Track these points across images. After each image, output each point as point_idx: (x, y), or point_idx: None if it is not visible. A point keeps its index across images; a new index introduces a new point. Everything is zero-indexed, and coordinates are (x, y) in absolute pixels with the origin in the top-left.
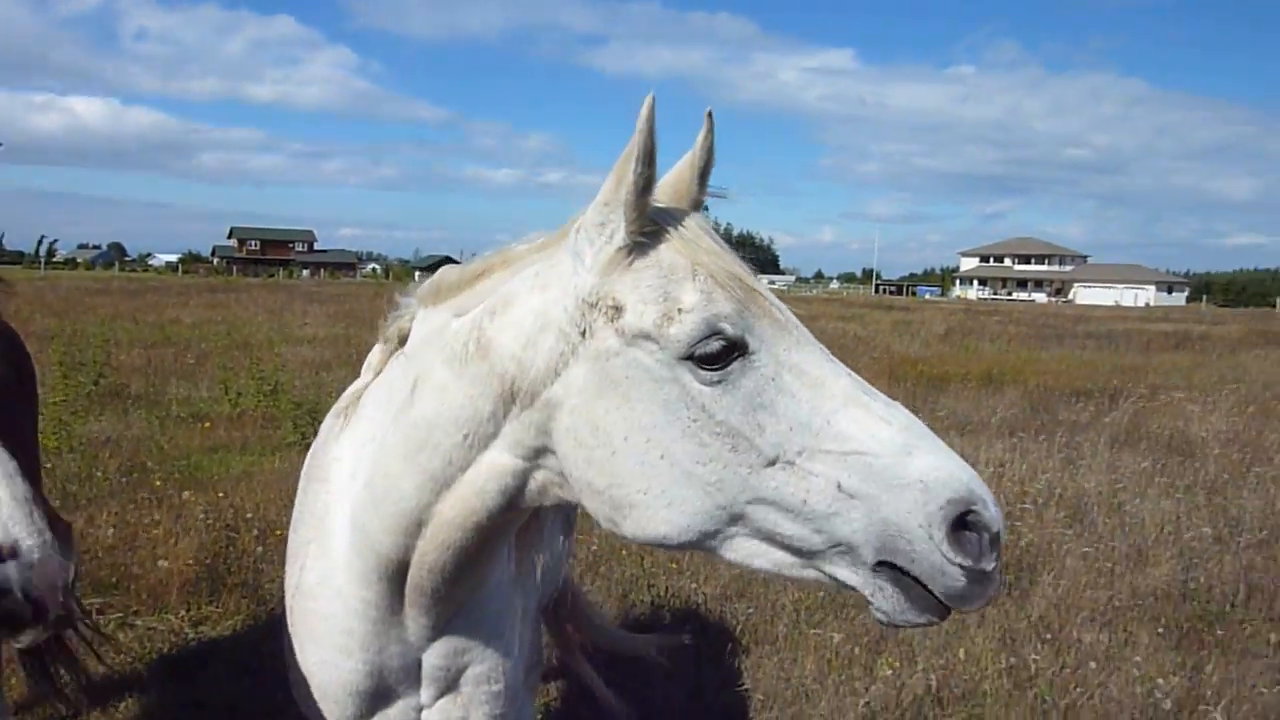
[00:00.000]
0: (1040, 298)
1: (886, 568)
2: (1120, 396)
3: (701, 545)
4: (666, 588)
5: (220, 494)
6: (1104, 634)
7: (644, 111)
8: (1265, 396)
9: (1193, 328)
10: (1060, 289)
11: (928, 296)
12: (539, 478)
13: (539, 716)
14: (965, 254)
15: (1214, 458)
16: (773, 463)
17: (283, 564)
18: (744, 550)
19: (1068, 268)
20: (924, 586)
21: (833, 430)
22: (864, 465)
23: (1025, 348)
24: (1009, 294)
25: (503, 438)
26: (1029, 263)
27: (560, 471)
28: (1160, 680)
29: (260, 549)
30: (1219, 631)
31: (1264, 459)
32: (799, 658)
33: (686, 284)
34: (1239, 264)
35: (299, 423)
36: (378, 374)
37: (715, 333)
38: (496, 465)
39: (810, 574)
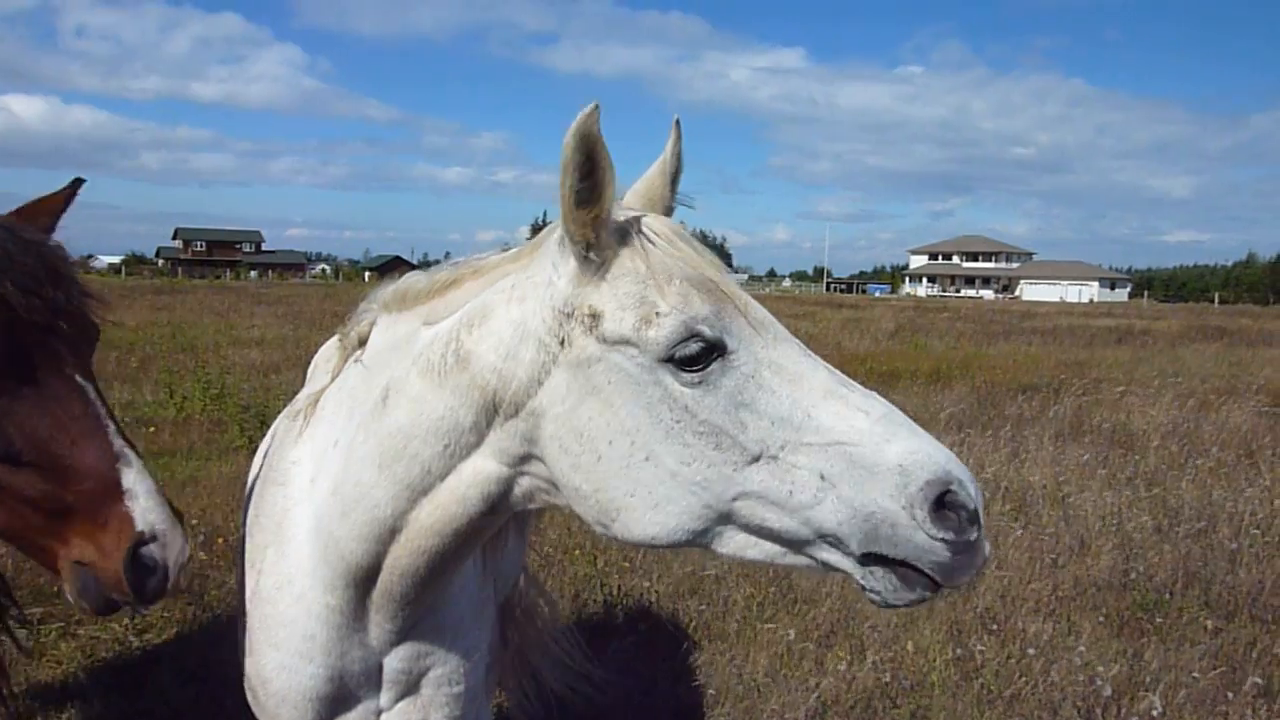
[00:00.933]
0: (988, 294)
1: (873, 558)
2: (1064, 391)
3: (692, 543)
4: (619, 586)
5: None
6: (1047, 624)
7: (572, 126)
8: (1203, 390)
9: (1134, 323)
10: (1007, 286)
11: (878, 294)
12: (525, 483)
13: (494, 717)
14: (914, 252)
15: (1154, 450)
16: (757, 458)
17: (229, 570)
18: (735, 544)
19: (1014, 265)
20: (912, 567)
21: (813, 423)
22: (845, 455)
23: (973, 344)
24: (957, 291)
25: (486, 446)
26: (976, 260)
27: (548, 477)
28: (1101, 668)
29: (205, 555)
30: (1158, 619)
31: (1202, 451)
32: (751, 653)
33: (663, 288)
34: (1179, 260)
35: (246, 426)
36: (335, 377)
37: (693, 334)
38: (480, 472)
39: (802, 560)
